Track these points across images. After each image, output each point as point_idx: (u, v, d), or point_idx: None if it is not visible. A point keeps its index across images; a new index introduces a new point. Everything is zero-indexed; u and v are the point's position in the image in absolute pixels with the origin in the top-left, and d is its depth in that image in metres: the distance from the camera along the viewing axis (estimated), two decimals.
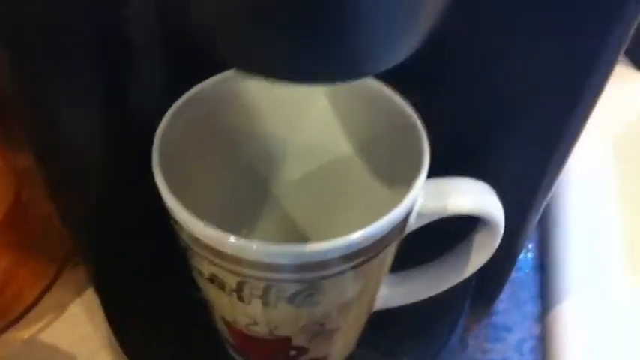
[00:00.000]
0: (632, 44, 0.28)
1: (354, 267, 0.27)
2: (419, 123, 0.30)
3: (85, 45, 0.30)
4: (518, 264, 0.46)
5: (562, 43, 0.27)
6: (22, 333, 0.42)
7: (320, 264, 0.26)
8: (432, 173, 0.28)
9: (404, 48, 0.21)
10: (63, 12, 0.27)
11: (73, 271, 0.45)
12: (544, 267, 0.46)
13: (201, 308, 0.33)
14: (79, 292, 0.44)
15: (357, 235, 0.26)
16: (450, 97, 0.32)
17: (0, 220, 0.39)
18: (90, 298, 0.44)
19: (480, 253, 0.32)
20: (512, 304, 0.44)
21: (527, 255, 0.47)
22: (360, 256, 0.27)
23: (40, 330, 0.43)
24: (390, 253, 0.29)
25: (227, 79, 0.32)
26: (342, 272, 0.27)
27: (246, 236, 0.37)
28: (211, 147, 0.33)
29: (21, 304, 0.42)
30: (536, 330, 0.43)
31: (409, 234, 0.30)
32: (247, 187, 0.36)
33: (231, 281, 0.28)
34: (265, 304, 0.28)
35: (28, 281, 0.43)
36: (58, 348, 0.42)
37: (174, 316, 0.38)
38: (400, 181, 0.31)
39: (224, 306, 0.30)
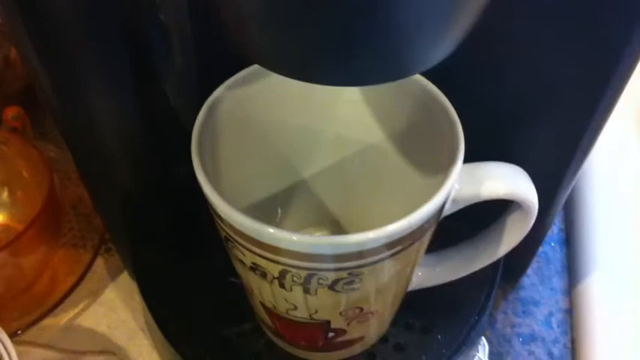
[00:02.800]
0: None
1: (393, 254, 0.28)
2: (452, 109, 0.30)
3: (117, 33, 0.30)
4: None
5: (592, 30, 0.27)
6: (60, 318, 0.43)
7: (360, 253, 0.27)
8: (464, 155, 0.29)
9: (445, 49, 0.21)
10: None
11: (106, 258, 0.46)
12: (570, 240, 0.46)
13: (239, 291, 0.34)
14: (113, 278, 0.45)
15: (396, 226, 0.26)
16: (479, 82, 0.32)
17: (39, 210, 0.40)
18: (124, 283, 0.45)
19: (513, 234, 0.33)
20: (539, 278, 0.45)
21: (553, 228, 0.47)
22: (400, 244, 0.27)
23: (77, 315, 0.44)
24: (426, 239, 0.30)
25: (259, 71, 0.32)
26: (382, 260, 0.28)
27: (281, 219, 0.38)
28: (246, 137, 0.34)
29: (57, 291, 0.43)
30: (564, 304, 0.43)
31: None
32: (282, 174, 0.37)
33: (274, 270, 0.28)
34: (306, 291, 0.29)
35: (63, 269, 0.44)
36: (96, 332, 0.43)
37: (210, 296, 0.39)
38: (433, 166, 0.32)
39: (265, 293, 0.31)
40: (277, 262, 0.28)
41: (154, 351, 0.42)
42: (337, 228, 0.39)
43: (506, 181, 0.30)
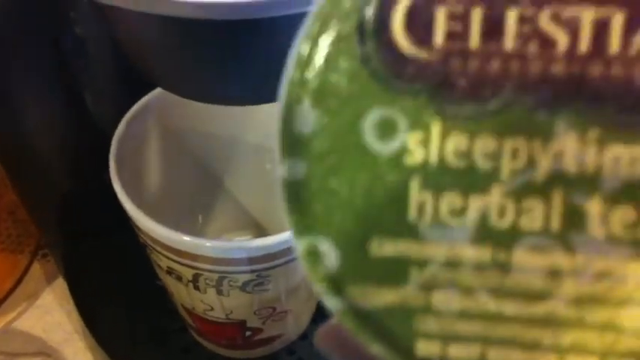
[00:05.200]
0: None
1: None
2: None
3: (35, 43, 0.31)
4: None
5: None
6: None
7: (268, 256, 0.29)
8: None
9: None
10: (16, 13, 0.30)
11: (43, 263, 0.48)
12: None
13: (166, 293, 0.36)
14: (50, 282, 0.47)
15: None
16: None
17: None
18: (60, 287, 0.46)
19: None
20: None
21: None
22: None
23: (14, 319, 0.45)
24: None
25: None
26: (289, 262, 0.30)
27: (203, 224, 0.40)
28: (167, 146, 0.36)
29: None
30: None
31: None
32: (204, 182, 0.39)
33: (187, 274, 0.30)
34: (219, 292, 0.31)
35: (0, 274, 0.46)
36: (32, 335, 0.44)
37: (140, 301, 0.41)
38: None
39: (182, 295, 0.33)
40: (190, 267, 0.30)
41: (88, 352, 0.43)
42: (260, 232, 0.42)
43: None
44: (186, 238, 0.28)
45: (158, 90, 0.33)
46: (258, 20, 0.19)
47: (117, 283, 0.41)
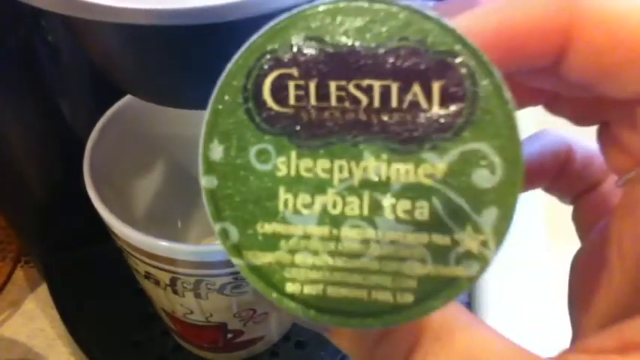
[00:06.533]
0: None
1: None
2: None
3: (11, 54, 0.31)
4: None
5: None
6: None
7: None
8: None
9: None
10: None
11: (26, 269, 0.47)
12: None
13: (147, 300, 0.36)
14: (33, 289, 0.47)
15: None
16: None
17: None
18: (43, 293, 0.46)
19: None
20: None
21: None
22: None
23: None
24: None
25: None
26: None
27: (182, 228, 0.40)
28: (144, 150, 0.36)
29: None
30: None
31: None
32: (183, 185, 0.38)
33: (165, 278, 0.30)
34: (198, 296, 0.31)
35: None
36: (17, 341, 0.44)
37: (123, 307, 0.41)
38: None
39: (162, 299, 0.33)
40: (167, 271, 0.30)
41: (72, 358, 0.43)
42: None
43: None
44: (163, 242, 0.28)
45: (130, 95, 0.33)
46: (222, 24, 0.19)
47: (99, 289, 0.41)
